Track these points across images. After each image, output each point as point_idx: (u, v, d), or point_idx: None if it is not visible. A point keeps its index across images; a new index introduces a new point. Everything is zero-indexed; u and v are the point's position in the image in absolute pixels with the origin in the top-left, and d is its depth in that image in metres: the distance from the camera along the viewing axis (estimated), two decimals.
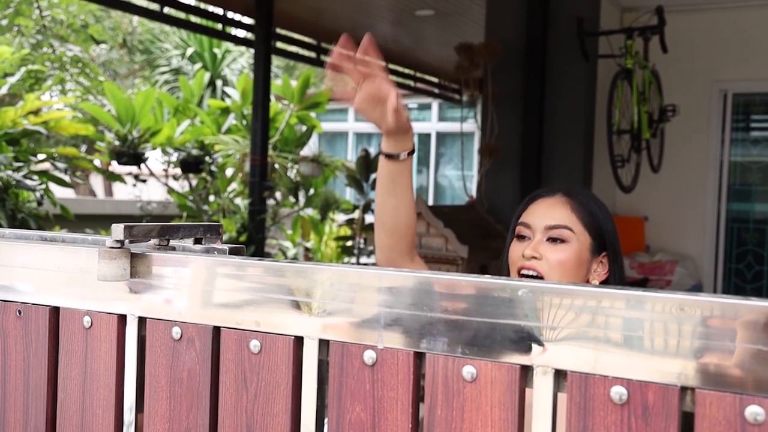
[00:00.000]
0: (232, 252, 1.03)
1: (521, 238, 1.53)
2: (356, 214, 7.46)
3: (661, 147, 5.60)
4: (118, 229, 0.95)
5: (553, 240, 1.50)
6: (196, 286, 0.96)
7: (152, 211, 7.59)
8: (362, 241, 7.22)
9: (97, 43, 10.94)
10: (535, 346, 0.75)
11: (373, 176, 7.39)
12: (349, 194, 10.38)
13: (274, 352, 0.89)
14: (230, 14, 6.10)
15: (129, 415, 1.00)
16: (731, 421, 0.67)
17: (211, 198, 7.50)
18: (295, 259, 7.90)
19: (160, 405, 0.97)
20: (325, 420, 0.88)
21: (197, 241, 1.08)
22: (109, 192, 11.82)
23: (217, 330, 0.94)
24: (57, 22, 9.05)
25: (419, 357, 0.81)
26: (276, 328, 0.89)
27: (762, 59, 5.67)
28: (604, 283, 1.54)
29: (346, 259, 7.52)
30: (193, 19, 6.35)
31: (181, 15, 6.69)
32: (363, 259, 7.33)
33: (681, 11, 5.61)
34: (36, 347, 1.07)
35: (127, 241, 0.97)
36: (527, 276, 1.48)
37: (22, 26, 8.65)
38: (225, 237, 6.49)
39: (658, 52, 5.00)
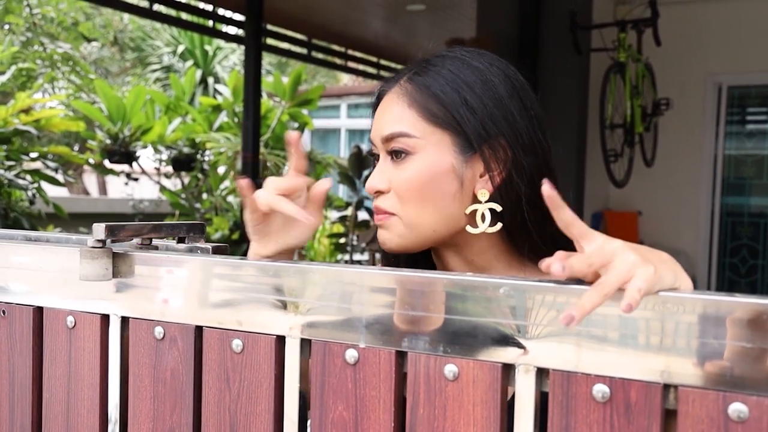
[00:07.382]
0: (215, 251, 1.03)
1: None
2: (349, 211, 7.45)
3: (654, 141, 5.60)
4: (99, 229, 0.94)
5: (396, 154, 1.04)
6: (178, 286, 0.95)
7: (144, 210, 7.58)
8: (355, 237, 7.21)
9: (88, 41, 10.90)
10: (517, 345, 0.74)
11: (365, 173, 7.38)
12: (342, 191, 10.36)
13: (256, 351, 0.89)
14: (221, 11, 6.08)
15: (113, 415, 1.00)
16: (714, 419, 0.66)
17: (204, 196, 7.48)
18: None
19: (144, 404, 0.97)
20: (308, 422, 0.88)
21: (180, 240, 1.07)
22: (103, 191, 11.79)
23: (199, 329, 0.93)
24: (47, 19, 9.01)
25: (401, 356, 0.80)
26: (258, 328, 0.89)
27: (756, 51, 5.66)
28: (504, 190, 1.02)
29: (339, 257, 7.51)
30: (184, 16, 6.34)
31: (172, 12, 6.67)
32: (356, 256, 7.32)
33: (675, 3, 5.60)
34: (20, 347, 1.06)
35: (108, 240, 0.96)
36: (381, 229, 1.06)
37: (12, 24, 8.61)
38: (218, 235, 6.48)
39: (651, 45, 4.98)
